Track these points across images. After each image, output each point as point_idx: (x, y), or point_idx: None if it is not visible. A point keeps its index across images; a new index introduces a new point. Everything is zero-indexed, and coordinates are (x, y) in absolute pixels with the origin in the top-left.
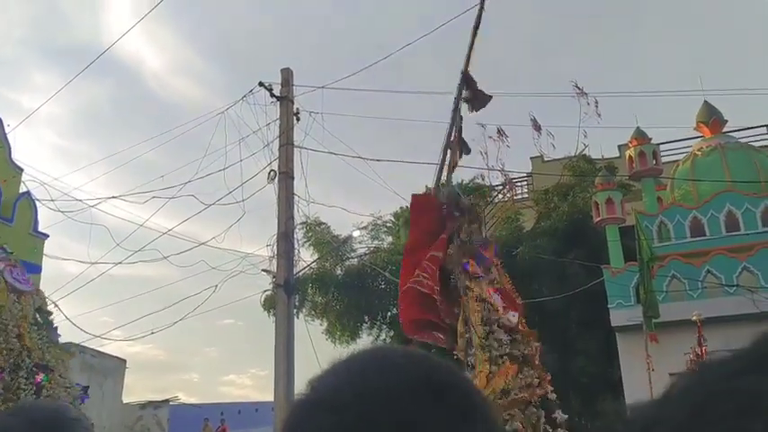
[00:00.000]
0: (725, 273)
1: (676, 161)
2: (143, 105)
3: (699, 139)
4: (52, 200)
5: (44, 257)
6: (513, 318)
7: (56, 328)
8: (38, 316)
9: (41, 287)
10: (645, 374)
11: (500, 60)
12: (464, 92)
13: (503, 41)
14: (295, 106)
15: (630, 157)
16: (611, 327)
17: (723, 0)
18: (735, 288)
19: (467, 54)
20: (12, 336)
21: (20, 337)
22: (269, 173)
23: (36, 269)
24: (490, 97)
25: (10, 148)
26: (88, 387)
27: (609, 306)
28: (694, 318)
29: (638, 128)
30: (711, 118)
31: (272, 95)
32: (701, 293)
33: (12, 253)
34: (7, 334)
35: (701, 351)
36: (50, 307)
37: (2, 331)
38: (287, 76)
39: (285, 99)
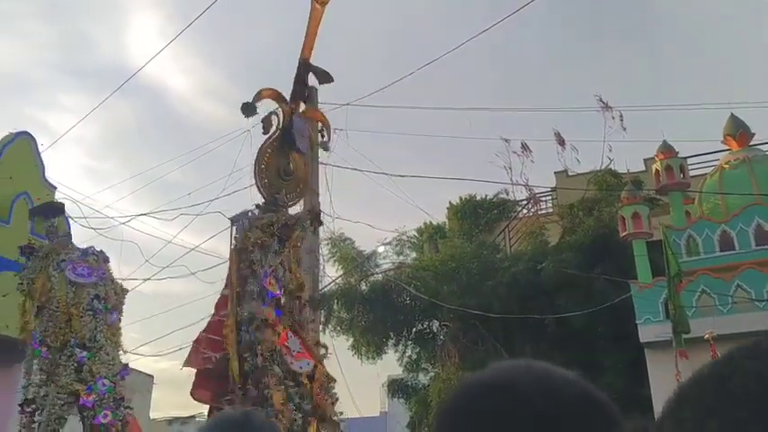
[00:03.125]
0: (755, 287)
1: (704, 175)
2: (169, 126)
3: (726, 153)
4: (84, 217)
5: None
6: (307, 365)
7: (115, 311)
8: (95, 303)
9: None
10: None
11: (524, 74)
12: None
13: (526, 55)
14: (319, 124)
15: (657, 170)
16: (639, 343)
17: (748, 13)
18: (765, 303)
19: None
20: (61, 322)
21: (68, 322)
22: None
23: None
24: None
25: (44, 167)
26: (128, 364)
27: (637, 322)
28: (707, 336)
29: (664, 141)
30: (738, 131)
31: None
32: (730, 308)
33: (96, 254)
34: (57, 319)
35: None
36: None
37: (52, 317)
38: (311, 93)
39: (309, 119)
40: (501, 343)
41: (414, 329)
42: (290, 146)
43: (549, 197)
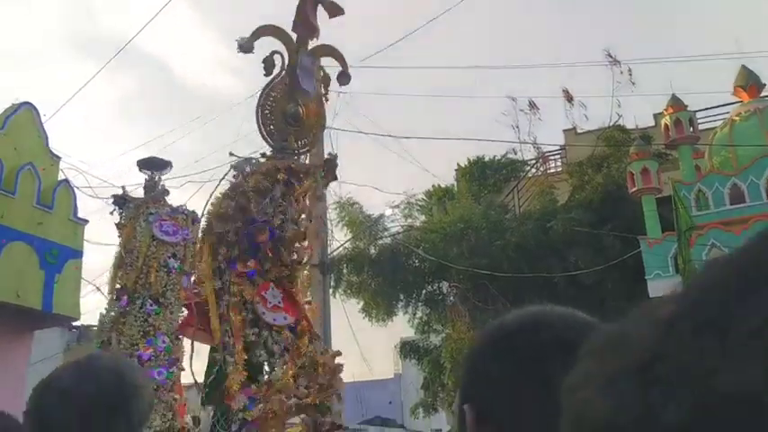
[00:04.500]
0: None
1: (714, 128)
2: (176, 96)
3: (737, 105)
4: (90, 186)
5: (85, 243)
6: (284, 320)
7: (190, 274)
8: (171, 261)
9: (83, 273)
10: None
11: (530, 31)
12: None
13: (533, 12)
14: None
15: (666, 125)
16: (649, 298)
17: None
18: None
19: None
20: (140, 273)
21: (147, 274)
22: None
23: (77, 254)
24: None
25: (47, 138)
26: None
27: (647, 277)
28: None
29: (673, 95)
30: (749, 82)
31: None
32: None
33: (186, 213)
34: (135, 270)
35: None
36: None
37: (133, 267)
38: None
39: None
40: (510, 302)
41: (423, 291)
42: (296, 87)
43: (558, 155)
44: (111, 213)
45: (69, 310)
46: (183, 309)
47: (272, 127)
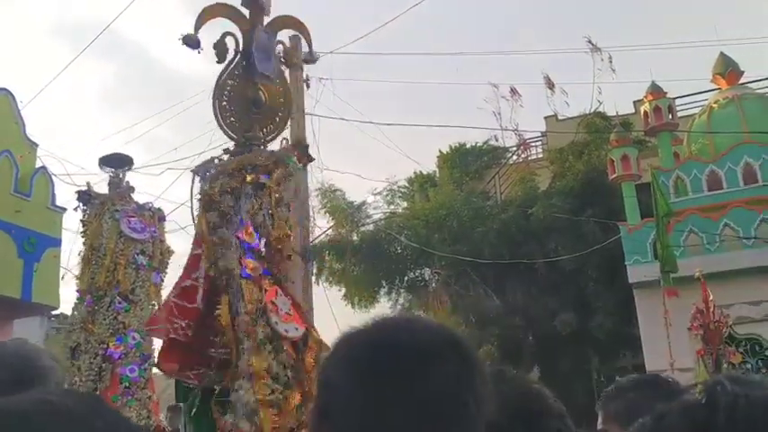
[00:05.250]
0: (743, 225)
1: (693, 115)
2: (152, 82)
3: (715, 92)
4: (68, 174)
5: (63, 231)
6: (295, 330)
7: (159, 273)
8: (139, 257)
9: (62, 260)
10: (663, 330)
11: (511, 17)
12: None
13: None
14: (305, 73)
15: (646, 112)
16: (628, 283)
17: None
18: (753, 241)
19: None
20: (107, 271)
21: (114, 272)
22: (281, 141)
23: (56, 243)
24: None
25: (24, 124)
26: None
27: (626, 263)
28: (697, 275)
29: (653, 82)
30: (728, 69)
31: (282, 63)
32: (718, 247)
33: (152, 210)
34: (103, 268)
35: (706, 307)
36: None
37: (99, 264)
38: (296, 42)
39: (294, 66)
40: (492, 288)
41: (405, 278)
42: (253, 70)
43: (539, 142)
44: (76, 210)
45: (49, 299)
46: (154, 305)
47: (232, 119)
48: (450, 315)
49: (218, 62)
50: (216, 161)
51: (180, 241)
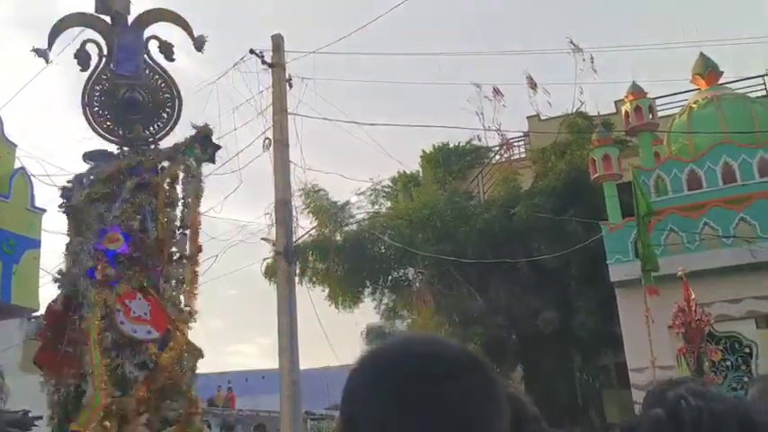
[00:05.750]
0: (722, 224)
1: (673, 115)
2: None
3: (695, 92)
4: (47, 174)
5: (43, 233)
6: (146, 333)
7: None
8: None
9: (42, 262)
10: (644, 328)
11: (495, 18)
12: None
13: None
14: (287, 73)
15: (626, 112)
16: (609, 282)
17: None
18: (732, 239)
19: None
20: None
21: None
22: (264, 141)
23: (35, 244)
24: None
25: (2, 124)
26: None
27: (608, 262)
28: (680, 273)
29: (633, 82)
30: (707, 70)
31: (264, 62)
32: (698, 246)
33: None
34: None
35: (688, 306)
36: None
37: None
38: (278, 42)
39: (277, 65)
40: (475, 287)
41: (389, 277)
42: (116, 72)
43: (522, 142)
44: (60, 207)
45: (28, 301)
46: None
47: (108, 124)
48: (434, 315)
49: (81, 71)
50: (96, 170)
51: None
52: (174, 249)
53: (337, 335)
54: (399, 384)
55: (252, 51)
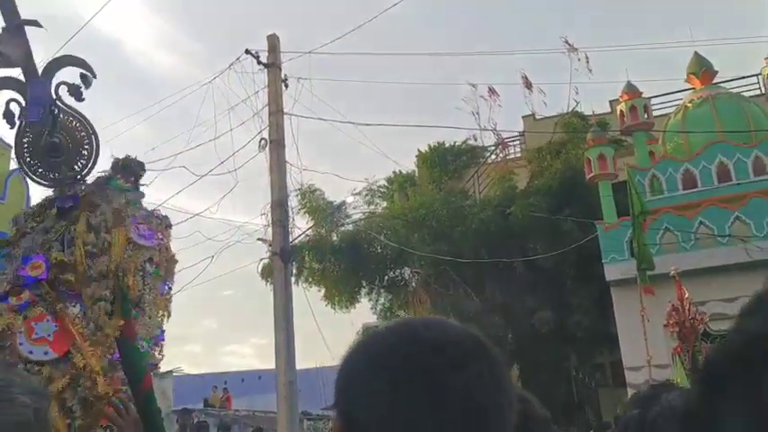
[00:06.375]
0: (717, 223)
1: (668, 114)
2: (128, 81)
3: (690, 92)
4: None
5: None
6: (43, 354)
7: (167, 282)
8: (147, 265)
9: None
10: (640, 327)
11: (489, 18)
12: None
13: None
14: (283, 73)
15: (621, 111)
16: (605, 282)
17: None
18: (727, 238)
19: None
20: (113, 278)
21: (123, 277)
22: (259, 141)
23: None
24: None
25: None
26: (164, 331)
27: (603, 261)
28: (672, 273)
29: (628, 82)
30: (702, 69)
31: (260, 63)
32: (693, 245)
33: (160, 218)
34: (109, 275)
35: (682, 305)
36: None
37: (106, 272)
38: (274, 42)
39: (273, 66)
40: (471, 287)
41: (386, 277)
42: (28, 122)
43: (518, 142)
44: None
45: None
46: (160, 312)
47: (41, 170)
48: (430, 314)
49: (10, 129)
50: (30, 210)
51: None
52: (92, 273)
53: (334, 335)
54: (402, 378)
55: (248, 52)
